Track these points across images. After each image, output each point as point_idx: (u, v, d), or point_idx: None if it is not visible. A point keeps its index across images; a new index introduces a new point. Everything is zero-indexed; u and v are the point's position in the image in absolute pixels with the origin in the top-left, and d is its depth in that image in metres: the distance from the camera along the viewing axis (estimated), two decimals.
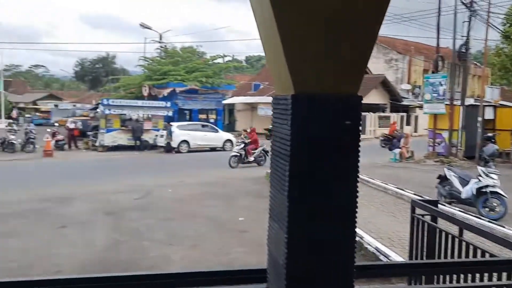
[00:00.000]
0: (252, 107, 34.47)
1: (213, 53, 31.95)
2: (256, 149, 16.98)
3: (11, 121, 34.39)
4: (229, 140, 23.55)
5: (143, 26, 31.33)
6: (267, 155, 16.69)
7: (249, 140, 17.02)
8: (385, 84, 33.60)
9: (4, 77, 64.46)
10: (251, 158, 16.65)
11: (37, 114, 45.82)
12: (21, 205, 9.45)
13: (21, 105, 53.34)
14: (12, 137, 21.00)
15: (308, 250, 1.35)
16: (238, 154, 16.58)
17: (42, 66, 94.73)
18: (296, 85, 1.29)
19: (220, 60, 32.75)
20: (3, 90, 52.82)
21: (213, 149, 22.95)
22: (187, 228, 7.87)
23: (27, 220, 8.23)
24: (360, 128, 1.36)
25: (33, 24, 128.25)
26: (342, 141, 1.33)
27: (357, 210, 1.37)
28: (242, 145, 16.80)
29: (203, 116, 28.48)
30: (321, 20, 1.23)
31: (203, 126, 23.84)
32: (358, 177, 1.37)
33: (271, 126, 1.52)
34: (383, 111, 33.88)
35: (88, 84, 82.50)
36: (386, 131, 26.49)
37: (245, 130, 18.99)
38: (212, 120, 28.20)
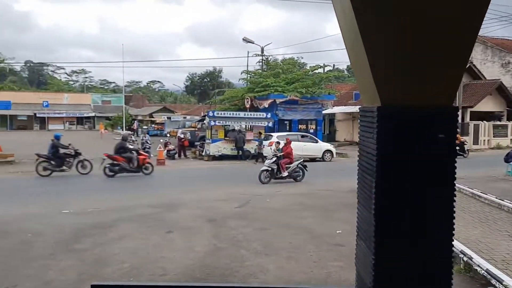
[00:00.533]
0: (353, 116, 33.72)
1: (314, 63, 31.88)
2: (290, 163, 15.61)
3: (130, 132, 37.88)
4: (329, 151, 23.33)
5: (246, 40, 32.54)
6: (306, 169, 15.68)
7: (282, 153, 15.60)
8: (501, 90, 30.58)
9: (126, 93, 71.65)
10: (285, 173, 15.29)
11: (153, 125, 49.96)
12: (134, 210, 10.37)
13: (140, 118, 58.52)
14: (131, 147, 23.15)
15: (398, 272, 1.28)
16: (270, 169, 15.27)
17: (158, 81, 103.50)
18: (383, 97, 1.23)
19: (320, 70, 32.67)
20: (125, 104, 58.69)
21: (312, 160, 22.86)
22: (283, 238, 7.95)
23: (138, 224, 9.00)
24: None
25: (149, 44, 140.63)
26: (434, 155, 1.24)
27: (454, 229, 1.26)
28: (274, 159, 15.38)
29: (302, 126, 28.56)
30: (409, 28, 1.16)
31: (302, 136, 23.91)
32: (454, 192, 1.26)
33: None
34: (499, 120, 30.82)
35: (197, 97, 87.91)
36: (502, 141, 24.00)
37: (278, 142, 17.35)
38: (311, 130, 28.15)
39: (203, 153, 23.93)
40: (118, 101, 63.68)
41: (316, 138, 24.46)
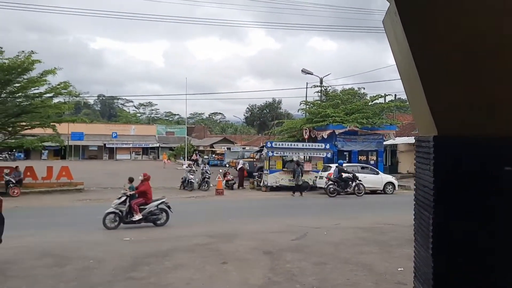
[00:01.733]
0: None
1: (375, 94, 31.29)
2: (145, 203, 12.75)
3: (191, 162, 38.96)
4: (391, 183, 22.45)
5: (305, 72, 32.72)
6: (170, 211, 12.97)
7: (134, 192, 12.88)
8: None
9: (189, 124, 74.42)
10: (137, 217, 12.46)
11: (213, 155, 51.11)
12: (190, 240, 10.44)
13: (201, 148, 60.20)
14: (191, 176, 23.72)
15: None
16: (117, 211, 12.42)
17: (220, 113, 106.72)
18: (439, 125, 1.10)
19: (381, 100, 31.95)
20: (188, 135, 60.78)
21: (373, 192, 22.10)
22: (340, 274, 7.58)
23: (194, 254, 9.01)
24: None
25: (211, 77, 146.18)
26: (501, 190, 1.07)
27: None
28: (123, 198, 12.59)
29: (363, 158, 27.84)
30: (467, 49, 1.04)
31: (362, 167, 23.25)
32: None
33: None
34: None
35: (256, 128, 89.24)
36: None
37: (130, 179, 14.16)
38: (372, 162, 27.34)
39: (261, 184, 23.92)
40: (181, 132, 66.21)
41: (377, 170, 23.69)
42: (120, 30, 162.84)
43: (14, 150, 46.82)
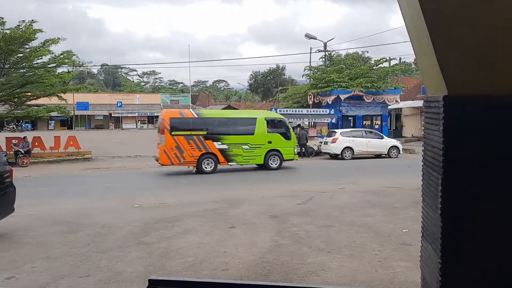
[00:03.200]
0: (421, 111, 32.22)
1: (379, 57, 30.80)
2: None
3: None
4: (395, 147, 22.49)
5: (309, 36, 32.21)
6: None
7: None
8: None
9: (193, 92, 74.09)
10: None
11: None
12: (199, 205, 10.65)
13: None
14: None
15: (469, 280, 1.14)
16: None
17: (224, 81, 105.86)
18: (449, 85, 1.11)
19: (385, 64, 31.56)
20: (192, 103, 60.64)
21: (378, 156, 22.22)
22: (346, 236, 7.77)
23: (203, 219, 9.23)
24: None
25: (213, 44, 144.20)
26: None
27: None
28: None
29: (367, 122, 27.78)
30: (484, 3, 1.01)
31: (367, 132, 23.25)
32: None
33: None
34: None
35: (260, 95, 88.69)
36: None
37: None
38: (377, 126, 27.30)
39: None
40: (185, 101, 66.06)
41: (382, 134, 23.68)
42: None
43: (21, 121, 47.08)
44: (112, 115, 62.84)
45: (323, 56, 33.45)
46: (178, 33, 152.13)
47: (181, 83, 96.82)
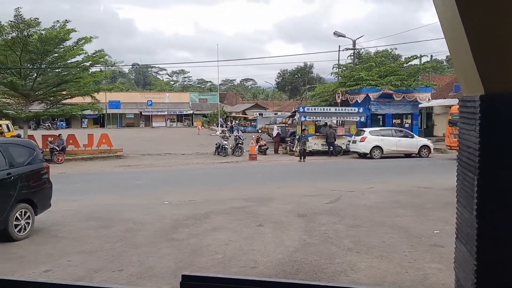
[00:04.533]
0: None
1: (409, 55, 30.17)
2: None
3: (224, 128, 39.37)
4: (426, 146, 22.03)
5: (337, 34, 31.90)
6: None
7: None
8: None
9: (221, 91, 74.59)
10: None
11: (246, 122, 51.37)
12: (227, 203, 10.76)
13: (233, 114, 60.54)
14: (225, 142, 24.06)
15: (504, 282, 1.11)
16: None
17: (251, 79, 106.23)
18: (486, 84, 1.10)
19: (416, 61, 30.90)
20: (220, 101, 61.10)
21: (408, 156, 21.82)
22: (375, 236, 7.69)
23: (231, 217, 9.32)
24: None
25: (241, 43, 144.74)
26: None
27: None
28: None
29: (397, 121, 27.29)
30: None
31: (396, 131, 22.86)
32: None
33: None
34: None
35: (288, 93, 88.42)
36: None
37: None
38: (407, 125, 26.79)
39: (294, 149, 24.00)
40: (213, 99, 66.62)
41: (412, 133, 23.23)
42: None
43: (56, 119, 48.61)
44: (143, 114, 64.10)
45: (352, 54, 33.06)
46: (205, 32, 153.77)
47: (209, 82, 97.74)
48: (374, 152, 21.42)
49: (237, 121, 49.29)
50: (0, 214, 7.30)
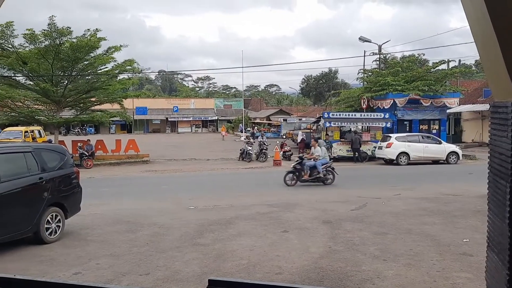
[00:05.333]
0: (483, 115, 30.68)
1: (437, 60, 29.65)
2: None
3: (249, 134, 39.49)
4: (454, 153, 21.54)
5: (363, 40, 31.65)
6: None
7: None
8: None
9: (245, 97, 74.92)
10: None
11: (270, 127, 51.43)
12: (252, 208, 10.79)
13: (257, 120, 60.70)
14: (249, 148, 24.15)
15: None
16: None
17: (275, 85, 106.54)
18: None
19: (444, 66, 30.32)
20: (244, 107, 61.40)
21: (435, 162, 21.39)
22: (403, 244, 7.57)
23: (256, 222, 9.34)
24: None
25: (265, 49, 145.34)
26: None
27: None
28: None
29: (424, 127, 26.80)
30: None
31: (423, 137, 22.44)
32: None
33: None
34: None
35: (312, 99, 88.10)
36: None
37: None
38: (434, 131, 26.27)
39: None
40: (238, 105, 67.08)
41: (440, 139, 22.75)
42: (174, 6, 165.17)
43: (85, 125, 49.82)
44: (169, 120, 65.05)
45: (378, 59, 32.72)
46: (229, 39, 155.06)
47: (234, 88, 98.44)
48: (400, 158, 21.09)
49: (255, 127, 49.21)
50: (32, 217, 7.53)
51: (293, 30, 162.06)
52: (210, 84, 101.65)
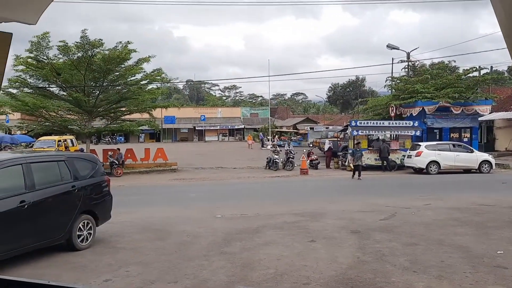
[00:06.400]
0: None
1: (467, 67, 28.98)
2: None
3: (275, 142, 39.47)
4: (487, 161, 20.93)
5: (390, 47, 31.29)
6: None
7: None
8: None
9: (272, 105, 75.14)
10: None
11: (296, 136, 51.28)
12: (279, 217, 10.76)
13: (284, 129, 60.71)
14: (276, 156, 24.13)
15: None
16: None
17: (302, 93, 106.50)
18: None
19: (475, 73, 29.59)
20: (271, 116, 61.54)
21: (467, 171, 20.83)
22: (434, 256, 7.39)
23: (283, 232, 9.31)
24: None
25: (290, 57, 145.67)
26: None
27: None
28: None
29: (455, 135, 26.18)
30: None
31: (454, 145, 21.90)
32: None
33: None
34: None
35: (339, 107, 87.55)
36: None
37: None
38: (465, 139, 25.61)
39: (346, 163, 23.61)
40: (264, 114, 67.31)
41: (471, 148, 22.16)
42: (201, 16, 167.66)
43: (115, 134, 50.99)
44: (196, 128, 65.91)
45: (406, 66, 32.26)
46: (255, 48, 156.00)
47: (260, 96, 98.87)
48: (430, 167, 20.64)
49: (275, 136, 48.90)
50: (65, 225, 7.74)
51: (318, 38, 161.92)
52: (237, 93, 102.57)
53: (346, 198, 14.02)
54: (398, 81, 31.53)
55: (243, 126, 66.65)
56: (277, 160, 23.76)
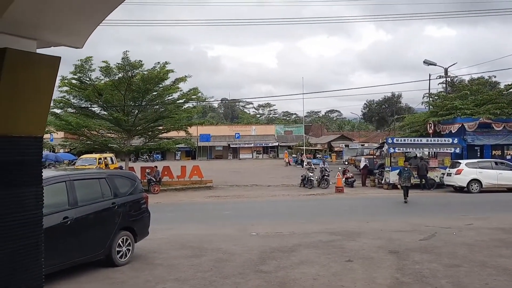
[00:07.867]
0: None
1: (509, 82, 28.04)
2: None
3: (310, 160, 39.24)
4: None
5: (427, 63, 30.76)
6: None
7: None
8: None
9: (306, 123, 75.03)
10: None
11: (330, 153, 50.82)
12: (315, 236, 10.65)
13: (318, 146, 60.32)
14: (311, 174, 23.97)
15: None
16: None
17: (336, 110, 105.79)
18: None
19: None
20: (305, 133, 61.40)
21: (510, 190, 19.95)
22: (477, 278, 7.11)
23: (318, 251, 9.20)
24: None
25: (323, 75, 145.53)
26: None
27: None
28: None
29: (497, 152, 25.22)
30: None
31: (497, 163, 21.08)
32: None
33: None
34: None
35: (375, 124, 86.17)
36: None
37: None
38: (508, 157, 24.61)
39: (382, 181, 23.16)
40: (298, 131, 67.30)
41: None
42: (234, 36, 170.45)
43: (152, 152, 52.17)
44: (231, 146, 66.53)
45: (444, 82, 31.57)
46: (288, 65, 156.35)
47: (294, 114, 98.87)
48: (471, 185, 19.93)
49: (303, 154, 48.42)
50: (105, 241, 7.96)
51: (351, 55, 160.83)
52: (271, 110, 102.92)
53: (382, 217, 13.72)
54: (436, 97, 30.87)
55: (277, 144, 66.75)
56: (312, 178, 23.59)
